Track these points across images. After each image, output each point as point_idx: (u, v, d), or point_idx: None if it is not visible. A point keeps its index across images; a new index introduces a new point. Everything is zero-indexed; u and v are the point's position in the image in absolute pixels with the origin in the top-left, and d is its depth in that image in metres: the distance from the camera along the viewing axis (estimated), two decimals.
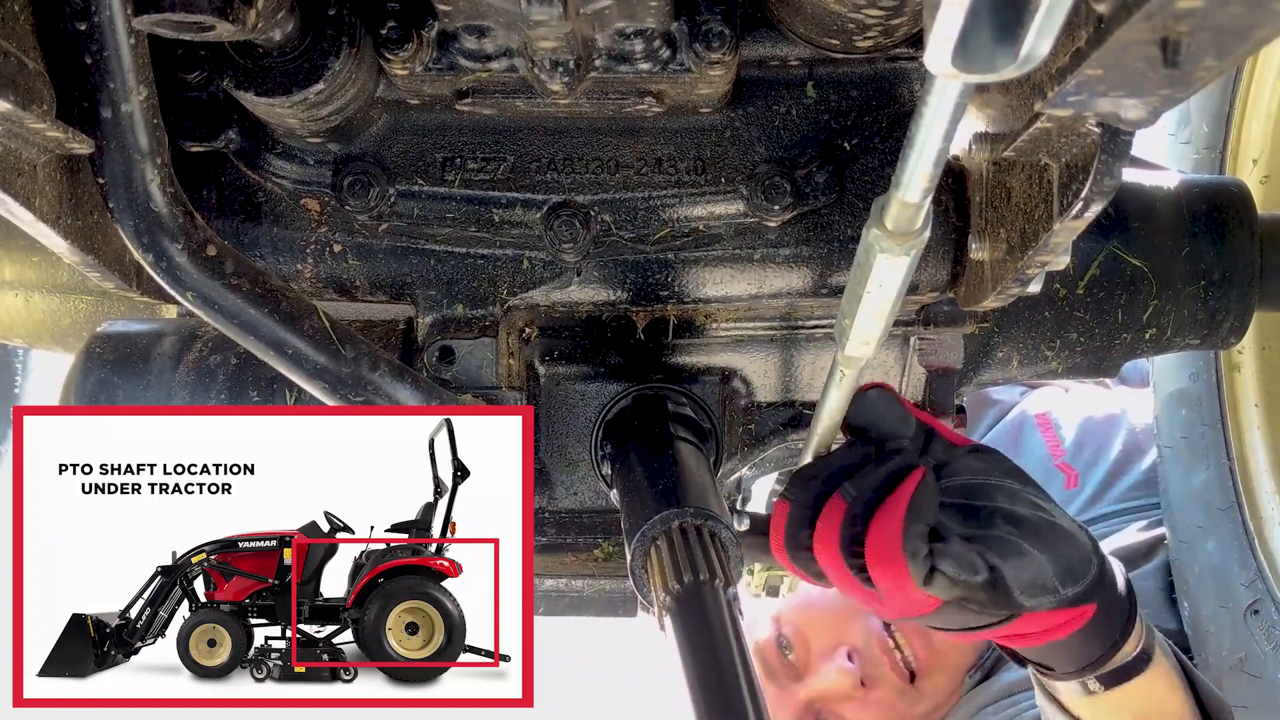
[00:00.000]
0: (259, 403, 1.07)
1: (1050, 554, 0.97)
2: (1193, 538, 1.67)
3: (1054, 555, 0.97)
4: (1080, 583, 0.99)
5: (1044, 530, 0.98)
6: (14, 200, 0.75)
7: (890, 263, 0.72)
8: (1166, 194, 1.27)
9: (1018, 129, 0.78)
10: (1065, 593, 0.98)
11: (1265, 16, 0.48)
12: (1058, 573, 0.97)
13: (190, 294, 0.82)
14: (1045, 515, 0.99)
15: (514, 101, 0.93)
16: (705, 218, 1.02)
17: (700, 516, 0.84)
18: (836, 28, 0.88)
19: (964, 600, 0.95)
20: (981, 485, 1.00)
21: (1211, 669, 1.61)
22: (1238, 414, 1.63)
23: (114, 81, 0.75)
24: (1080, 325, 1.28)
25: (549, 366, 1.13)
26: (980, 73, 0.46)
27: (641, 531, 0.84)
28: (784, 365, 1.18)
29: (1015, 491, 1.00)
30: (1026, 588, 0.95)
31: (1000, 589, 0.94)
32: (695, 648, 0.73)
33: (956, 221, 1.01)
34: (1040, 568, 0.96)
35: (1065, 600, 0.98)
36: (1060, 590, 0.97)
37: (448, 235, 1.02)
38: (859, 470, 1.00)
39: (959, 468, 1.02)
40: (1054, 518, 1.00)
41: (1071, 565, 0.98)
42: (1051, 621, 1.01)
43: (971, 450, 1.04)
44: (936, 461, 1.03)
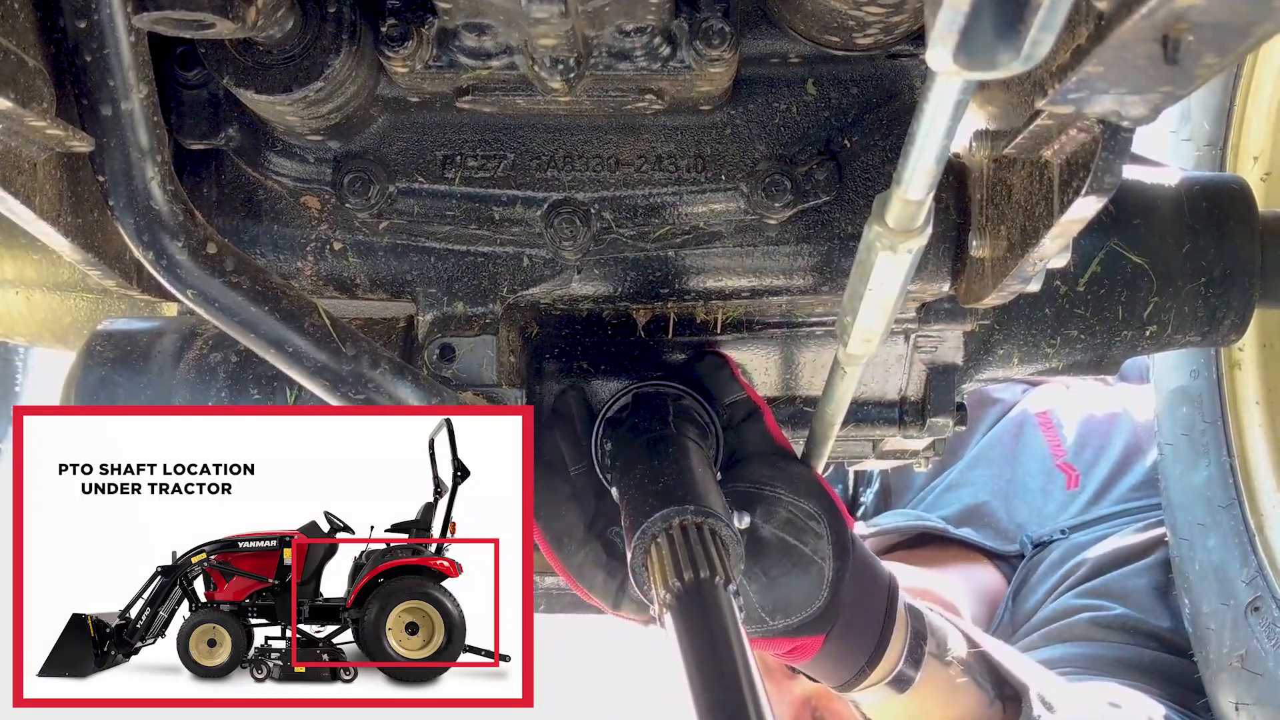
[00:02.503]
0: (259, 400, 1.07)
1: (760, 584, 0.97)
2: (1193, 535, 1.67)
3: (763, 585, 0.97)
4: (795, 616, 0.99)
5: (772, 553, 0.98)
6: (14, 198, 0.74)
7: (891, 260, 0.72)
8: (1167, 191, 1.27)
9: (1018, 126, 0.78)
10: (775, 624, 0.99)
11: (1266, 13, 0.48)
12: (765, 604, 0.98)
13: (190, 292, 0.82)
14: (793, 534, 0.99)
15: (514, 99, 0.93)
16: (705, 215, 1.01)
17: (701, 514, 0.83)
18: (837, 25, 0.88)
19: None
20: (752, 494, 1.01)
21: (1212, 666, 1.61)
22: (1238, 411, 1.63)
23: (114, 79, 0.74)
24: (1081, 323, 1.28)
25: (550, 364, 1.12)
26: (982, 70, 0.46)
27: (642, 529, 0.83)
28: (785, 362, 1.18)
29: (780, 502, 1.00)
30: None
31: None
32: (696, 645, 0.73)
33: (957, 219, 1.01)
34: (745, 596, 0.97)
35: (775, 631, 0.99)
36: (769, 621, 0.99)
37: (448, 233, 1.02)
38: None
39: (747, 473, 1.03)
40: (803, 540, 0.99)
41: (786, 597, 0.99)
42: (776, 646, 1.02)
43: (770, 454, 1.05)
44: (731, 447, 1.05)
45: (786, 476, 1.02)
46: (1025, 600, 1.98)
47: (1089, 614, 1.83)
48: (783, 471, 1.03)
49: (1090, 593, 1.88)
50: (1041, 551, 2.04)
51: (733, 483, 1.02)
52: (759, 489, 1.01)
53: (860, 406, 1.23)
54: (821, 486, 1.04)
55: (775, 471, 1.03)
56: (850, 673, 1.09)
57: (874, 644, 1.08)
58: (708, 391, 1.08)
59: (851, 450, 1.38)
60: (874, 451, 1.37)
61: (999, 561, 2.10)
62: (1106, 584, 1.88)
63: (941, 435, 1.27)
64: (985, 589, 2.06)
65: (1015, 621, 1.96)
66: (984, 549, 2.10)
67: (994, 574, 2.09)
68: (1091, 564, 1.92)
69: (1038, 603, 1.95)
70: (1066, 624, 1.83)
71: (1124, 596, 1.84)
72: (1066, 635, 1.81)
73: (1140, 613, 1.81)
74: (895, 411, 1.24)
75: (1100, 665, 1.68)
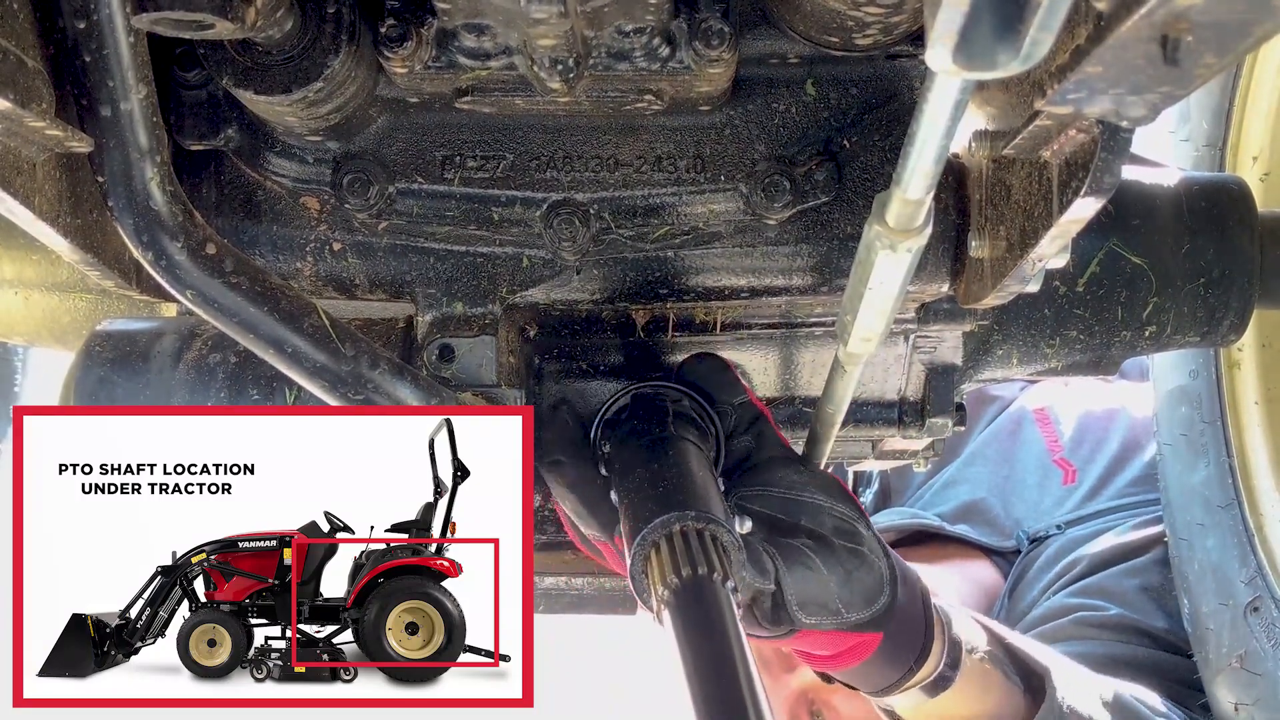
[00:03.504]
0: (259, 400, 1.07)
1: (839, 576, 0.96)
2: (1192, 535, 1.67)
3: (843, 578, 0.96)
4: (866, 610, 0.99)
5: (840, 552, 0.97)
6: (14, 199, 0.74)
7: (891, 260, 0.72)
8: (1166, 191, 1.27)
9: (1018, 126, 0.78)
10: (848, 617, 0.98)
11: (1265, 13, 0.48)
12: (844, 596, 0.97)
13: (190, 292, 0.82)
14: (848, 538, 0.99)
15: (513, 99, 0.93)
16: (705, 215, 1.01)
17: (702, 520, 0.82)
18: (836, 25, 0.88)
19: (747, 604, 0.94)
20: (794, 501, 0.99)
21: (1212, 666, 1.61)
22: (1238, 411, 1.63)
23: (113, 80, 0.74)
24: (1080, 323, 1.28)
25: (549, 364, 1.12)
26: (981, 70, 0.46)
27: (641, 535, 0.82)
28: (784, 362, 1.18)
29: (823, 508, 0.99)
30: (805, 604, 0.95)
31: (777, 601, 0.93)
32: (694, 641, 0.72)
33: (957, 219, 1.01)
34: (825, 587, 0.96)
35: (847, 624, 0.98)
36: (844, 614, 0.97)
37: (447, 233, 1.02)
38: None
39: (776, 479, 1.01)
40: (857, 542, 0.99)
41: (860, 592, 0.98)
42: (835, 645, 1.01)
43: (790, 459, 1.04)
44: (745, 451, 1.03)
45: (816, 481, 1.02)
46: (1021, 596, 1.99)
47: (1082, 613, 1.83)
48: (811, 476, 1.02)
49: (1084, 591, 1.88)
50: (1037, 547, 2.04)
51: (763, 487, 1.01)
52: (797, 495, 1.00)
53: (860, 406, 1.23)
54: (846, 491, 1.04)
55: (804, 476, 1.02)
56: (898, 674, 1.09)
57: (920, 645, 1.08)
58: (707, 393, 1.07)
59: (851, 450, 1.38)
60: (873, 451, 1.37)
61: (996, 557, 2.10)
62: (1100, 582, 1.88)
63: (941, 435, 1.27)
64: (982, 585, 2.06)
65: (1011, 618, 1.96)
66: (981, 545, 2.10)
67: (991, 570, 2.09)
68: (1087, 562, 1.92)
69: (1033, 599, 1.95)
70: (1059, 624, 1.83)
71: (1118, 595, 1.84)
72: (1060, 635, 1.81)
73: (1134, 612, 1.81)
74: (895, 411, 1.24)
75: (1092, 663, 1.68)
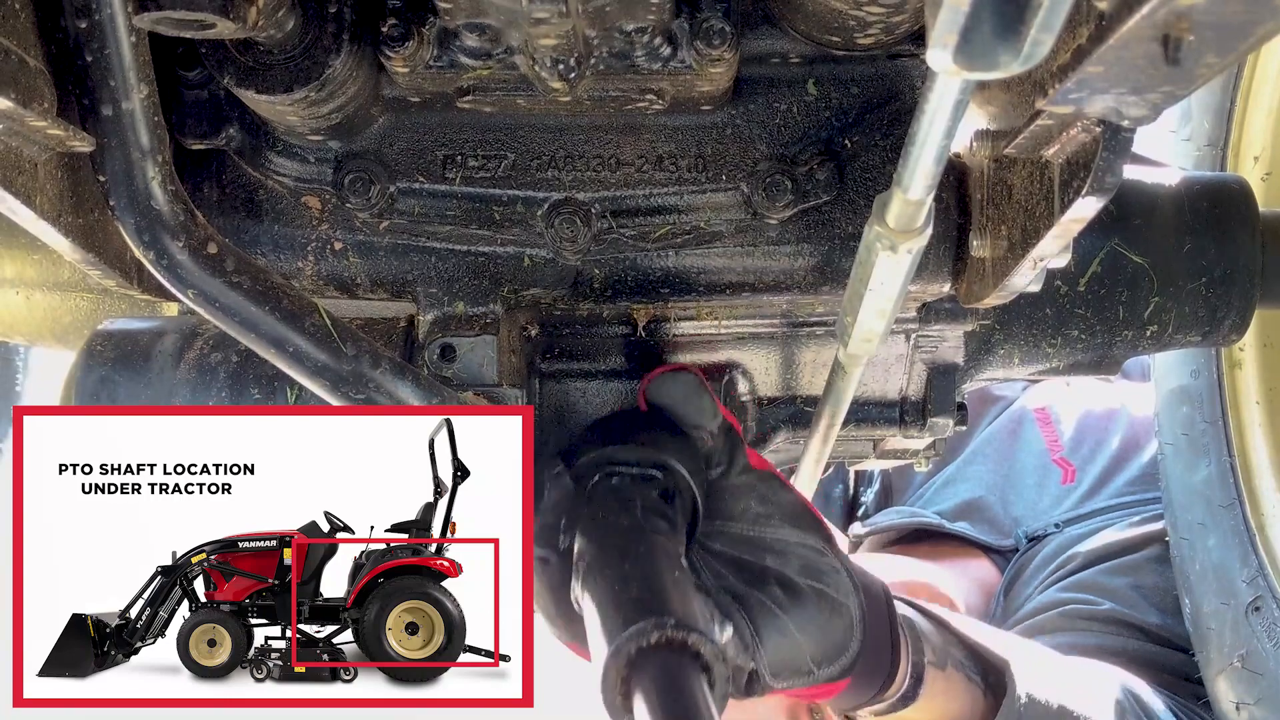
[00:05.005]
0: (260, 400, 1.07)
1: (810, 633, 0.92)
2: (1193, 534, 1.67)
3: (815, 635, 0.92)
4: (836, 664, 0.95)
5: (809, 601, 0.93)
6: (15, 198, 0.74)
7: (892, 260, 0.72)
8: (1168, 191, 1.27)
9: (1019, 126, 0.78)
10: (819, 674, 0.94)
11: (1267, 13, 0.48)
12: (814, 655, 0.93)
13: (191, 291, 0.82)
14: (816, 577, 0.95)
15: (515, 99, 0.93)
16: (706, 215, 1.01)
17: (681, 629, 0.70)
18: (838, 25, 0.88)
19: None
20: (758, 540, 0.95)
21: (1213, 666, 1.61)
22: (1239, 411, 1.63)
23: (114, 79, 0.74)
24: (1081, 322, 1.28)
25: (550, 364, 1.12)
26: (982, 70, 0.46)
27: (615, 648, 0.70)
28: (785, 362, 1.18)
29: (790, 548, 0.95)
30: (779, 671, 0.91)
31: (751, 676, 0.90)
32: None
33: (958, 219, 1.01)
34: (797, 651, 0.92)
35: (818, 680, 0.95)
36: (815, 672, 0.94)
37: (449, 233, 1.02)
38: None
39: (739, 510, 0.96)
40: (825, 580, 0.95)
41: (831, 645, 0.94)
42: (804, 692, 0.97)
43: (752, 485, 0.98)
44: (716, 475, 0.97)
45: (780, 510, 0.97)
46: (1017, 594, 1.99)
47: (1072, 606, 1.83)
48: (775, 505, 0.97)
49: (1076, 586, 1.88)
50: (1035, 545, 2.04)
51: (724, 522, 0.96)
52: (760, 533, 0.96)
53: (861, 406, 1.23)
54: (813, 513, 1.00)
55: (768, 507, 0.97)
56: (865, 699, 1.08)
57: (887, 666, 1.06)
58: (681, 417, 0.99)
59: (852, 450, 1.38)
60: (874, 451, 1.37)
61: (995, 556, 2.11)
62: (1093, 578, 1.88)
63: (942, 435, 1.27)
64: (981, 583, 2.06)
65: (1006, 614, 1.97)
66: (980, 543, 2.11)
67: (990, 568, 2.10)
68: (1081, 558, 1.93)
69: (1027, 596, 1.95)
70: (1048, 616, 1.83)
71: (1110, 591, 1.84)
72: (1049, 627, 1.81)
73: (1125, 607, 1.81)
74: (896, 411, 1.24)
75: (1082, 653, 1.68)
